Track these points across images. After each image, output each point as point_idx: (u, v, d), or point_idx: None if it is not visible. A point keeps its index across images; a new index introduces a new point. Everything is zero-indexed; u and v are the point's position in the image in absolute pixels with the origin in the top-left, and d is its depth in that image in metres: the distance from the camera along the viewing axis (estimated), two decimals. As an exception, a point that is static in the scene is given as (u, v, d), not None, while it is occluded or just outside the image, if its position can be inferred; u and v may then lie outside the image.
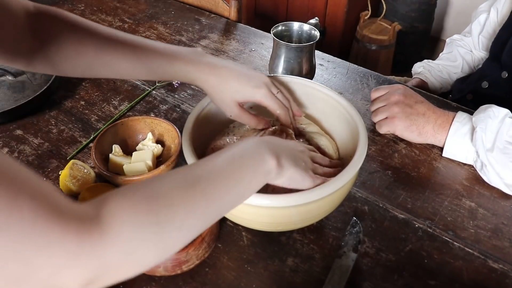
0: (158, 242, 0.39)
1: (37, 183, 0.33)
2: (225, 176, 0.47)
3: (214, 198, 0.45)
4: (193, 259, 0.62)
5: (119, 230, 0.36)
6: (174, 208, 0.41)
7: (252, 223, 0.63)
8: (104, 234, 0.35)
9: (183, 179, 0.44)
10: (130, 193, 0.40)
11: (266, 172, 0.51)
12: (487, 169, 0.75)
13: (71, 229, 0.33)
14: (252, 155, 0.50)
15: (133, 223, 0.37)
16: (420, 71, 1.24)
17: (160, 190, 0.41)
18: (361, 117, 0.68)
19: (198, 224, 0.44)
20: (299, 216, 0.60)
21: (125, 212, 0.37)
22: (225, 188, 0.46)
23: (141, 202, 0.39)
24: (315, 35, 0.92)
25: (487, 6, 1.14)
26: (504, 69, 1.00)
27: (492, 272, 0.65)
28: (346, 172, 0.59)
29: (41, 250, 0.32)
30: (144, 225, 0.38)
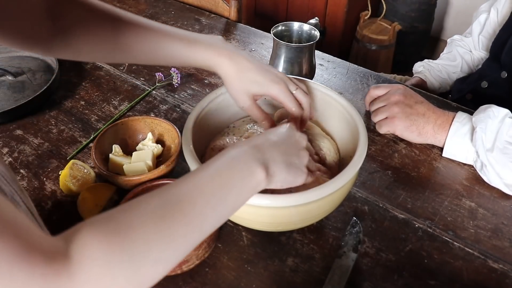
0: (132, 279, 0.37)
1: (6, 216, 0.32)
2: (209, 195, 0.44)
3: (196, 221, 0.42)
4: (193, 259, 0.62)
5: (89, 269, 0.34)
6: (150, 242, 0.38)
7: (252, 223, 0.63)
8: (73, 274, 0.33)
9: (161, 205, 0.41)
10: (103, 225, 0.37)
11: (254, 185, 0.48)
12: (487, 169, 0.75)
13: (38, 270, 0.31)
14: (239, 168, 0.47)
15: (104, 260, 0.35)
16: (420, 70, 1.24)
17: (134, 222, 0.38)
18: (361, 117, 0.68)
19: (177, 253, 0.41)
20: (299, 216, 0.60)
21: (96, 248, 0.35)
22: (209, 208, 0.43)
23: (114, 237, 0.37)
24: (315, 35, 0.92)
25: (488, 6, 1.14)
26: (504, 69, 1.00)
27: (492, 272, 0.65)
28: (346, 172, 0.59)
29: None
30: (116, 262, 0.36)
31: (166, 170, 0.72)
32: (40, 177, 0.78)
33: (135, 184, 0.70)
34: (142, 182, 0.70)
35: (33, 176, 0.78)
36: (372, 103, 0.88)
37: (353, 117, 0.69)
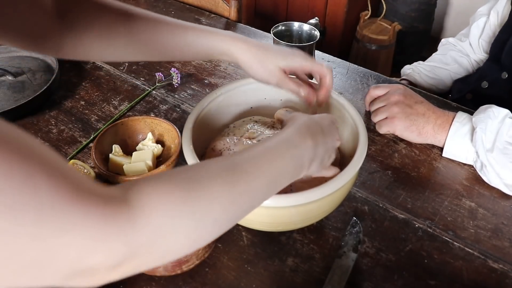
0: (191, 233, 0.37)
1: (56, 161, 0.31)
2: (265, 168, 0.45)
3: (253, 190, 0.43)
4: (193, 259, 0.62)
5: (151, 216, 0.34)
6: (212, 201, 0.39)
7: (252, 223, 0.63)
8: (133, 217, 0.33)
9: (224, 169, 0.42)
10: (168, 178, 0.37)
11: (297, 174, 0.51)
12: (487, 169, 0.75)
13: (94, 211, 0.30)
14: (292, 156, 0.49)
15: (167, 211, 0.35)
16: (408, 72, 1.24)
17: (199, 180, 0.39)
18: (361, 117, 0.68)
19: (234, 217, 0.42)
20: (299, 216, 0.60)
21: (160, 198, 0.35)
22: (264, 179, 0.45)
23: (178, 190, 0.37)
24: (315, 35, 0.92)
25: (486, 10, 1.13)
26: (504, 69, 1.00)
27: (492, 272, 0.65)
28: (346, 172, 0.59)
29: (62, 235, 0.29)
30: (178, 214, 0.36)
31: (166, 170, 0.72)
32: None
33: (135, 184, 0.70)
34: (142, 182, 0.70)
35: (33, 176, 0.78)
36: (372, 103, 0.88)
37: (353, 117, 0.69)
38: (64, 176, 0.30)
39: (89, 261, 0.31)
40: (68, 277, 0.31)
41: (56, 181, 0.29)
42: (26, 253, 0.28)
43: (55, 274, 0.30)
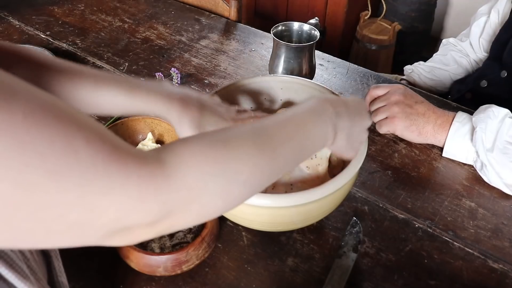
0: (223, 192, 0.38)
1: (94, 125, 0.32)
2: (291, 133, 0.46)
3: (281, 154, 0.44)
4: (193, 259, 0.62)
5: (185, 174, 0.35)
6: (242, 161, 0.40)
7: (252, 223, 0.63)
8: (168, 176, 0.34)
9: (253, 134, 0.43)
10: (199, 139, 0.39)
11: (324, 140, 0.51)
12: (487, 169, 0.75)
13: (133, 171, 0.32)
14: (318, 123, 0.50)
15: (199, 169, 0.36)
16: (408, 73, 1.24)
17: (230, 141, 0.40)
18: None
19: (262, 181, 0.43)
20: (299, 216, 0.60)
21: (193, 157, 0.36)
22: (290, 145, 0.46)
23: (210, 150, 0.38)
24: (315, 35, 0.92)
25: (487, 9, 1.13)
26: (504, 68, 1.00)
27: (492, 272, 0.65)
28: (346, 172, 0.59)
29: (104, 194, 0.30)
30: (210, 172, 0.37)
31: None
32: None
33: (135, 184, 0.70)
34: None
35: (33, 176, 0.78)
36: (372, 103, 0.88)
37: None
38: (102, 139, 0.31)
39: (129, 220, 0.32)
40: (108, 235, 0.32)
41: (96, 144, 0.30)
42: (71, 214, 0.29)
43: (96, 233, 0.32)
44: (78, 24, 1.22)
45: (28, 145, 0.27)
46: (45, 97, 0.29)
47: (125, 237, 0.34)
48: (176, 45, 1.14)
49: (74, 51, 1.11)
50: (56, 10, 1.27)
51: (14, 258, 0.40)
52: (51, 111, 0.29)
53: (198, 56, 1.10)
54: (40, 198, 0.28)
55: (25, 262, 0.42)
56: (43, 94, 0.29)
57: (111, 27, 1.21)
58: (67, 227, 0.30)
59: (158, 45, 1.14)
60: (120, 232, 0.33)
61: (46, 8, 1.28)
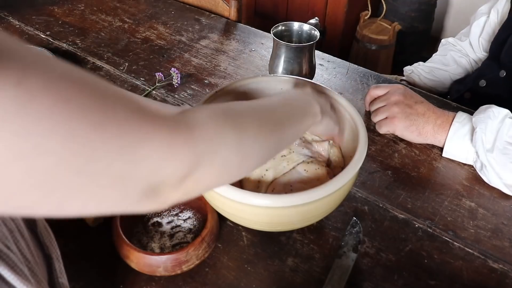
0: (237, 147, 0.42)
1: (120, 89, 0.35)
2: (284, 110, 0.53)
3: (278, 124, 0.50)
4: (193, 259, 0.62)
5: (204, 129, 0.38)
6: (248, 122, 0.45)
7: (252, 223, 0.63)
8: (192, 130, 0.37)
9: (251, 106, 0.50)
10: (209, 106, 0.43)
11: (313, 114, 0.59)
12: (487, 169, 0.75)
13: (162, 125, 0.35)
14: (301, 99, 0.59)
15: (215, 125, 0.40)
16: (408, 73, 1.24)
17: (234, 108, 0.46)
18: (361, 117, 0.68)
19: (266, 143, 0.47)
20: (299, 217, 0.60)
21: (207, 116, 0.40)
22: (286, 118, 0.52)
23: (220, 112, 0.43)
24: (315, 35, 0.92)
25: (487, 9, 1.13)
26: (503, 68, 1.00)
27: (492, 272, 0.65)
28: (346, 172, 0.59)
29: (140, 145, 0.32)
30: (224, 129, 0.41)
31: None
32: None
33: (135, 184, 0.70)
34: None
35: (33, 176, 0.78)
36: (372, 103, 0.88)
37: (353, 117, 0.69)
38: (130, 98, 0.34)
39: (163, 172, 0.35)
40: (143, 194, 0.34)
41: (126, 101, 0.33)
42: (114, 165, 0.31)
43: (135, 189, 0.34)
44: (78, 24, 1.22)
45: (69, 101, 0.28)
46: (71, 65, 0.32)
47: (159, 197, 0.36)
48: (176, 45, 1.14)
49: (74, 51, 1.11)
50: (56, 10, 1.27)
51: (15, 260, 0.40)
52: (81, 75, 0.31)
53: (198, 56, 1.10)
54: (88, 148, 0.29)
55: (26, 264, 0.42)
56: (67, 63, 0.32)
57: (111, 27, 1.21)
58: (112, 180, 0.32)
59: (158, 45, 1.14)
60: (154, 191, 0.35)
61: (46, 8, 1.28)
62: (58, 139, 0.28)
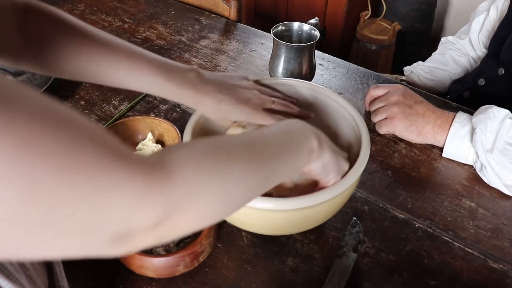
0: (220, 188, 0.39)
1: (95, 129, 0.32)
2: (275, 146, 0.48)
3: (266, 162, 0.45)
4: (207, 248, 0.63)
5: (183, 172, 0.36)
6: (234, 160, 0.42)
7: (248, 225, 0.63)
8: (169, 175, 0.35)
9: (239, 140, 0.46)
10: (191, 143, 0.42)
11: (309, 150, 0.52)
12: (486, 170, 0.75)
13: (137, 169, 0.32)
14: (297, 132, 0.52)
15: (196, 167, 0.37)
16: (407, 73, 1.24)
17: (220, 144, 0.43)
18: (363, 119, 0.68)
19: (253, 183, 0.44)
20: (301, 220, 0.60)
21: (188, 157, 0.38)
22: (276, 156, 0.47)
23: (203, 150, 0.40)
24: (315, 35, 0.92)
25: (487, 6, 1.13)
26: (502, 65, 0.99)
27: (492, 272, 0.65)
28: (348, 177, 0.58)
29: (110, 192, 0.30)
30: (206, 170, 0.38)
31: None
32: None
33: (135, 184, 0.70)
34: (142, 182, 0.70)
35: (33, 176, 0.78)
36: (371, 103, 0.88)
37: (356, 121, 0.69)
38: (106, 138, 0.32)
39: (133, 220, 0.32)
40: (112, 240, 0.32)
41: (99, 143, 0.31)
42: (79, 214, 0.29)
43: (102, 236, 0.32)
44: (78, 24, 1.22)
45: (33, 145, 0.27)
46: (46, 100, 0.30)
47: (128, 243, 0.34)
48: (176, 45, 1.14)
49: (74, 51, 1.10)
50: (56, 10, 1.27)
51: (11, 270, 0.40)
52: (53, 112, 0.29)
53: (198, 56, 1.10)
54: (49, 197, 0.27)
55: (24, 272, 0.42)
56: (44, 97, 0.30)
57: (111, 27, 1.21)
58: (75, 230, 0.30)
59: (158, 45, 1.14)
60: (124, 237, 0.33)
61: (46, 8, 1.28)
62: (15, 187, 0.26)
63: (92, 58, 0.61)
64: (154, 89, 0.64)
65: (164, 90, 0.64)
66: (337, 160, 0.57)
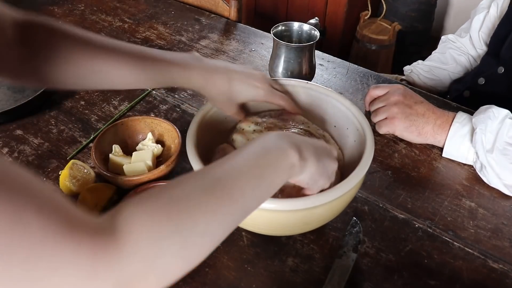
0: (181, 251, 0.37)
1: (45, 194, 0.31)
2: (247, 175, 0.44)
3: (237, 199, 0.42)
4: None
5: (137, 241, 0.34)
6: (195, 214, 0.38)
7: (250, 225, 0.63)
8: (121, 247, 0.32)
9: (202, 182, 0.42)
10: (146, 200, 0.37)
11: (289, 167, 0.48)
12: (486, 170, 0.75)
13: (84, 246, 0.30)
14: (274, 150, 0.48)
15: (151, 232, 0.35)
16: (407, 73, 1.24)
17: (178, 196, 0.39)
18: (366, 119, 0.68)
19: (222, 228, 0.41)
20: (302, 221, 0.60)
21: (143, 221, 0.35)
22: (248, 187, 0.44)
23: (159, 210, 0.37)
24: (315, 35, 0.92)
25: (487, 3, 1.13)
26: (502, 64, 0.99)
27: (492, 272, 0.65)
28: (350, 180, 0.58)
29: (53, 272, 0.28)
30: (164, 234, 0.35)
31: (166, 170, 0.72)
32: (40, 177, 0.78)
33: (135, 184, 0.70)
34: (142, 183, 0.70)
35: (33, 176, 0.78)
36: (371, 103, 0.88)
37: (360, 122, 0.68)
38: (55, 210, 0.30)
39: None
40: None
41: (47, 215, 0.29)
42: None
43: None
44: (78, 24, 1.22)
45: None
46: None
47: None
48: (176, 45, 1.14)
49: (74, 51, 1.10)
50: (56, 10, 1.28)
51: None
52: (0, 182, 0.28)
53: (198, 56, 1.10)
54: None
55: None
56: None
57: (111, 27, 1.21)
58: None
59: (158, 45, 1.14)
60: None
61: (46, 8, 1.28)
62: None
63: (90, 63, 0.60)
64: (160, 78, 0.63)
65: (171, 74, 0.63)
66: (324, 165, 0.53)
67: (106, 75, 0.62)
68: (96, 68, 0.61)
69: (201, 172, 0.45)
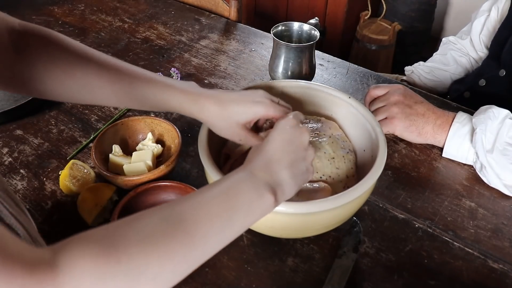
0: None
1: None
2: (214, 216, 0.42)
3: (199, 242, 0.40)
4: None
5: (79, 278, 0.32)
6: (150, 257, 0.36)
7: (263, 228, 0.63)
8: (59, 281, 0.31)
9: (166, 222, 0.39)
10: (96, 237, 0.35)
11: (264, 209, 0.47)
12: (486, 170, 0.75)
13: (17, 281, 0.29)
14: (247, 191, 0.46)
15: (96, 274, 0.33)
16: (408, 73, 1.24)
17: (132, 237, 0.37)
18: (376, 121, 0.68)
19: (176, 273, 0.39)
20: (310, 224, 0.60)
21: (88, 260, 0.33)
22: (214, 229, 0.41)
23: (109, 249, 0.34)
24: (315, 35, 0.92)
25: (488, 6, 1.13)
26: (503, 67, 1.00)
27: (492, 272, 0.65)
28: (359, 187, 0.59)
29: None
30: (110, 276, 0.34)
31: (166, 170, 0.72)
32: (40, 177, 0.78)
33: (135, 184, 0.70)
34: (142, 183, 0.70)
35: (33, 176, 0.78)
36: (371, 103, 0.88)
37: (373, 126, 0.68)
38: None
39: None
40: None
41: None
42: None
43: None
44: (78, 24, 1.22)
45: None
46: None
47: None
48: (176, 45, 1.14)
49: (74, 51, 1.11)
50: (56, 10, 1.28)
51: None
52: None
53: (198, 56, 1.10)
54: None
55: None
56: None
57: (111, 27, 1.21)
58: None
59: (158, 45, 1.14)
60: None
61: (46, 8, 1.28)
62: None
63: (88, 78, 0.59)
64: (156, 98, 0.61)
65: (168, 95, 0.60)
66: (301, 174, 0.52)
67: (102, 92, 0.60)
68: (93, 84, 0.59)
69: (165, 209, 0.41)
